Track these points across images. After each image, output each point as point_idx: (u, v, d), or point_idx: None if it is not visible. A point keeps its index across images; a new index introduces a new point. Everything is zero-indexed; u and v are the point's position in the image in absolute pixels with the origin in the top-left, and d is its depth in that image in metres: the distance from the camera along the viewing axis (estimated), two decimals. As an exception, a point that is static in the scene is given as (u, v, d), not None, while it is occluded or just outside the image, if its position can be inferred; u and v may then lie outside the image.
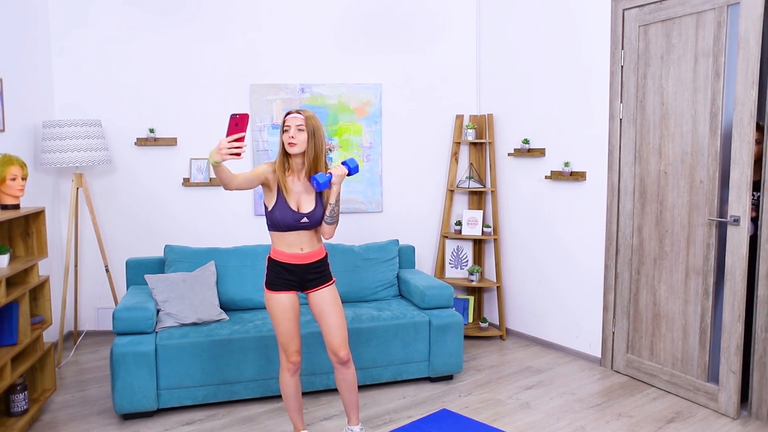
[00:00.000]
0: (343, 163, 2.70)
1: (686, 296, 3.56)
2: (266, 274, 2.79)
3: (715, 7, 3.30)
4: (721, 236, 3.37)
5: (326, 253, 2.88)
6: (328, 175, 2.63)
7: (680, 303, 3.60)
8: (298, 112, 2.68)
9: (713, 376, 3.45)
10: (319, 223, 2.77)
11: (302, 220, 2.70)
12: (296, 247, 2.75)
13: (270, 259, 2.79)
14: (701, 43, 3.39)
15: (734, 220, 3.25)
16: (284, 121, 2.69)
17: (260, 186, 3.01)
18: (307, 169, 2.71)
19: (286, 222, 2.68)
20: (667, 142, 3.62)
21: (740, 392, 3.34)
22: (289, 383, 2.85)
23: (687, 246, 3.54)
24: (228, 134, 2.37)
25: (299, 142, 2.66)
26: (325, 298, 2.82)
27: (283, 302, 2.75)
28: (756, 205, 3.36)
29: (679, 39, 3.51)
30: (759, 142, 3.33)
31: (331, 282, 2.87)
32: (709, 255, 3.42)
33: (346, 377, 2.90)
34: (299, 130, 2.65)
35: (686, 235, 3.54)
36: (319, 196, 2.76)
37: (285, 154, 2.72)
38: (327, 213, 2.75)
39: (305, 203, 2.72)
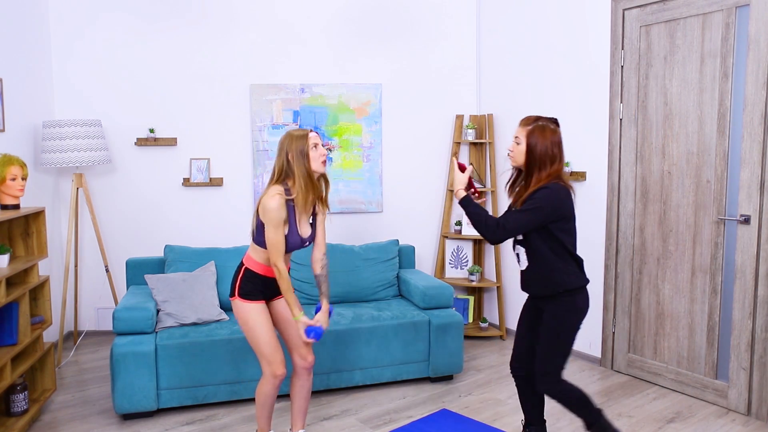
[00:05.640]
0: (311, 331, 2.71)
1: (692, 295, 3.56)
2: (239, 285, 2.70)
3: (723, 9, 3.30)
4: (727, 235, 3.37)
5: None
6: (319, 326, 2.72)
7: (686, 302, 3.59)
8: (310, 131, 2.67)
9: (722, 373, 3.46)
10: None
11: (306, 244, 2.74)
12: None
13: (248, 270, 2.71)
14: (708, 44, 3.39)
15: (744, 219, 3.26)
16: (308, 140, 2.61)
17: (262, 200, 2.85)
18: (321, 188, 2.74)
19: (294, 247, 2.70)
20: (671, 143, 3.61)
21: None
22: (271, 394, 2.77)
23: (693, 245, 3.54)
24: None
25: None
26: None
27: (262, 311, 2.71)
28: None
29: (683, 40, 3.50)
30: None
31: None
32: (717, 254, 3.42)
33: (306, 384, 2.88)
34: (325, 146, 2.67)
35: (692, 235, 3.54)
36: (313, 219, 2.77)
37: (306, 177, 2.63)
38: None
39: (304, 228, 2.73)
